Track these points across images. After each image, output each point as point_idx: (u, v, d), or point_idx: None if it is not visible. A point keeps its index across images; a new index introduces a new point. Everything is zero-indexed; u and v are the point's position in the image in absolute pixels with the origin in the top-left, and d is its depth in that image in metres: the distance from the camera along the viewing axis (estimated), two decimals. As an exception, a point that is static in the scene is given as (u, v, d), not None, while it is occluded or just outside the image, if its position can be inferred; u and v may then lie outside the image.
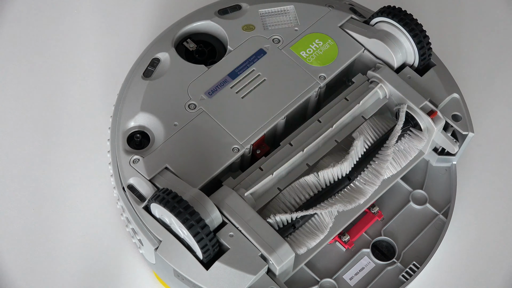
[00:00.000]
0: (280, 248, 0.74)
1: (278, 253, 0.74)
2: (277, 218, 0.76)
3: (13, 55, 1.00)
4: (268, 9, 0.90)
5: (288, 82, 0.85)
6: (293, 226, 0.78)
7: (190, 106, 0.83)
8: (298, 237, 0.78)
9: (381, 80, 0.84)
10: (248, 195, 0.78)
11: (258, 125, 0.82)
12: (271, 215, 0.77)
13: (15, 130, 0.95)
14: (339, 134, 0.83)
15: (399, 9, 0.86)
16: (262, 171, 0.80)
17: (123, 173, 0.79)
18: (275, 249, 0.74)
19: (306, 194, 0.79)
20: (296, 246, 0.77)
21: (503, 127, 0.97)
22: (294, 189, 0.79)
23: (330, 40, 0.88)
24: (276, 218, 0.76)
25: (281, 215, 0.76)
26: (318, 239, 0.78)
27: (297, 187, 0.79)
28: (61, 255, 0.88)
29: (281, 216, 0.76)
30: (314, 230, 0.78)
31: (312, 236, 0.78)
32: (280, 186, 0.80)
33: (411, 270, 0.83)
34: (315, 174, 0.79)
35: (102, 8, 1.04)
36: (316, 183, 0.80)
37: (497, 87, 1.00)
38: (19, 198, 0.91)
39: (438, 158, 0.89)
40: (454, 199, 0.87)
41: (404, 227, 0.86)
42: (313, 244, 0.78)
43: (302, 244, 0.77)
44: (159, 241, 0.76)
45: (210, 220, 0.74)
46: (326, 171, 0.79)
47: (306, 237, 0.78)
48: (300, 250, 0.77)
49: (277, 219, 0.77)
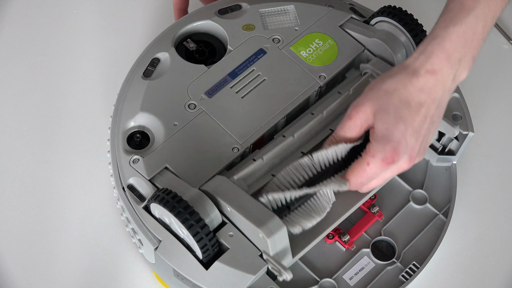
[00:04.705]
0: (270, 220, 0.73)
1: (268, 226, 0.73)
2: (270, 197, 0.75)
3: (13, 55, 1.00)
4: (268, 9, 0.90)
5: (288, 82, 0.85)
6: (288, 208, 0.77)
7: (190, 106, 0.83)
8: (293, 217, 0.77)
9: (373, 70, 0.84)
10: (240, 180, 0.77)
11: (258, 125, 0.82)
12: (264, 195, 0.76)
13: (15, 130, 0.95)
14: (334, 123, 0.82)
15: (400, 9, 0.86)
16: (254, 160, 0.79)
17: (123, 173, 0.79)
18: (265, 222, 0.73)
19: (301, 176, 0.78)
20: (290, 225, 0.76)
21: (503, 127, 0.97)
22: (288, 172, 0.78)
23: (330, 39, 0.88)
24: (269, 197, 0.75)
25: (274, 194, 0.75)
26: (313, 220, 0.77)
27: (291, 170, 0.78)
28: (61, 255, 0.87)
29: (274, 195, 0.75)
30: (310, 212, 0.77)
31: (307, 217, 0.77)
32: (275, 173, 0.79)
33: (411, 270, 0.83)
34: (309, 156, 0.78)
35: (102, 8, 1.04)
36: (311, 165, 0.79)
37: (497, 87, 1.00)
38: (19, 198, 0.91)
39: (438, 158, 0.89)
40: (454, 199, 0.87)
41: (404, 227, 0.86)
42: (308, 225, 0.76)
43: (296, 223, 0.76)
44: (158, 241, 0.76)
45: (209, 220, 0.74)
46: (320, 152, 0.78)
47: (301, 217, 0.77)
48: (294, 229, 0.76)
49: (269, 198, 0.75)
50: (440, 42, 0.74)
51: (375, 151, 0.75)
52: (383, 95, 0.75)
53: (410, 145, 0.75)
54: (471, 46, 0.75)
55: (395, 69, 0.76)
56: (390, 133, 0.74)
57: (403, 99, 0.74)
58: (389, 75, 0.76)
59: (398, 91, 0.75)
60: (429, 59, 0.74)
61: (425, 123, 0.75)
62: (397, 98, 0.74)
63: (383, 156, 0.75)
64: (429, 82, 0.74)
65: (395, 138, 0.74)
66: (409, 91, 0.74)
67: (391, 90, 0.75)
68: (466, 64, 0.75)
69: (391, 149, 0.74)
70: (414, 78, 0.74)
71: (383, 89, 0.75)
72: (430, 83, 0.74)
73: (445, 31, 0.74)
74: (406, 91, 0.74)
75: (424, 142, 0.76)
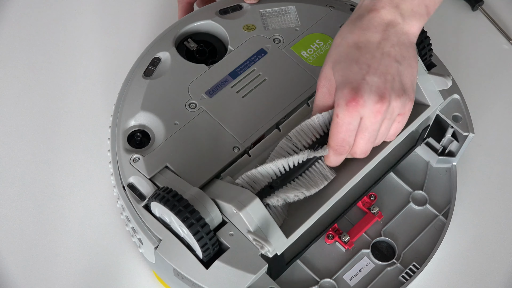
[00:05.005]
0: (241, 194, 0.72)
1: (239, 199, 0.72)
2: (244, 177, 0.74)
3: (13, 55, 1.00)
4: (269, 9, 0.90)
5: (288, 82, 0.85)
6: (271, 187, 0.75)
7: (191, 105, 0.83)
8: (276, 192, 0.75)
9: None
10: (228, 177, 0.76)
11: (258, 125, 0.82)
12: (239, 177, 0.75)
13: (15, 129, 0.95)
14: None
15: (400, 10, 0.86)
16: None
17: (123, 172, 0.79)
18: (236, 196, 0.72)
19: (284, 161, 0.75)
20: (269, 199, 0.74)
21: (503, 127, 0.97)
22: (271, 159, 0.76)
23: (331, 40, 0.88)
24: (243, 177, 0.74)
25: (247, 172, 0.74)
26: (296, 192, 0.74)
27: (273, 156, 0.76)
28: (61, 254, 0.87)
29: (247, 174, 0.74)
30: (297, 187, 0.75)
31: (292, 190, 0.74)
32: None
33: (411, 271, 0.83)
34: (286, 137, 0.76)
35: (102, 8, 1.04)
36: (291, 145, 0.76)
37: (497, 87, 1.00)
38: (19, 197, 0.90)
39: (438, 159, 0.89)
40: (454, 200, 0.87)
41: (404, 228, 0.86)
42: (292, 197, 0.74)
43: (275, 196, 0.74)
44: (159, 240, 0.76)
45: (210, 219, 0.74)
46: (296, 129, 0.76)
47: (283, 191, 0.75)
48: (271, 200, 0.74)
49: (244, 178, 0.74)
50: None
51: (337, 99, 0.73)
52: (334, 50, 0.74)
53: (373, 83, 0.72)
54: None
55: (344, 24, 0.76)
56: (346, 78, 0.73)
57: (351, 43, 0.73)
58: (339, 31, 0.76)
59: (345, 38, 0.74)
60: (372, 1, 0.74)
61: (385, 60, 0.73)
62: (345, 44, 0.74)
63: (345, 100, 0.72)
64: (373, 20, 0.74)
65: (351, 79, 0.72)
66: (354, 34, 0.74)
67: (339, 41, 0.74)
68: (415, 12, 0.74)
69: (350, 90, 0.72)
70: (358, 21, 0.74)
71: (333, 44, 0.75)
72: (375, 21, 0.74)
73: None
74: (352, 35, 0.74)
75: (398, 81, 0.73)
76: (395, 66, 0.73)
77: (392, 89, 0.73)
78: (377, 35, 0.74)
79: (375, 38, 0.73)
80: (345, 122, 0.73)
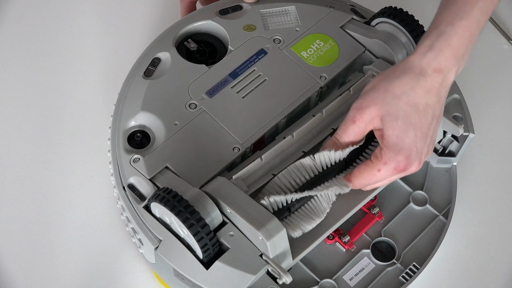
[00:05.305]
0: (270, 223, 0.73)
1: (267, 228, 0.72)
2: (271, 199, 0.75)
3: (13, 55, 1.00)
4: (269, 10, 0.90)
5: (288, 82, 0.85)
6: (289, 210, 0.77)
7: (191, 105, 0.83)
8: (293, 220, 0.77)
9: (376, 72, 0.84)
10: (239, 180, 0.77)
11: (258, 125, 0.82)
12: (265, 197, 0.75)
13: (15, 129, 0.95)
14: (335, 122, 0.82)
15: (400, 10, 0.86)
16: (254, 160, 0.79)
17: (124, 172, 0.79)
18: (264, 224, 0.72)
19: (302, 177, 0.78)
20: (291, 228, 0.76)
21: (503, 127, 0.97)
22: (289, 172, 0.78)
23: (331, 40, 0.88)
24: (270, 200, 0.75)
25: (275, 197, 0.75)
26: (313, 223, 0.77)
27: (292, 170, 0.78)
28: (61, 255, 0.87)
29: (275, 198, 0.75)
30: (310, 214, 0.77)
31: (308, 219, 0.77)
32: (275, 173, 0.79)
33: (411, 271, 0.83)
34: (311, 157, 0.77)
35: (102, 8, 1.04)
36: (312, 166, 0.78)
37: (497, 87, 1.00)
38: (19, 197, 0.90)
39: (439, 159, 0.89)
40: (455, 200, 0.87)
41: (404, 228, 0.86)
42: (308, 228, 0.76)
43: (296, 226, 0.76)
44: (159, 241, 0.76)
45: (210, 220, 0.74)
46: (323, 153, 0.77)
47: (302, 220, 0.77)
48: (294, 232, 0.76)
49: (270, 201, 0.75)
50: (447, 39, 0.73)
51: (388, 159, 0.74)
52: (390, 99, 0.73)
53: (420, 150, 0.74)
54: (473, 40, 0.74)
55: (400, 67, 0.74)
56: (401, 141, 0.73)
57: (411, 102, 0.73)
58: (395, 75, 0.74)
59: (406, 93, 0.73)
60: (437, 57, 0.73)
61: (432, 125, 0.74)
62: (405, 101, 0.73)
63: (395, 164, 0.74)
64: (435, 82, 0.73)
65: (406, 146, 0.73)
66: (417, 93, 0.73)
67: (399, 93, 0.73)
68: (466, 59, 0.74)
69: (404, 158, 0.74)
70: (422, 79, 0.73)
71: (389, 91, 0.73)
72: (437, 82, 0.73)
73: (452, 26, 0.73)
74: (414, 93, 0.73)
75: (431, 143, 0.76)
76: (434, 127, 0.75)
77: (428, 151, 0.76)
78: (434, 99, 0.74)
79: (432, 102, 0.73)
80: (382, 177, 0.75)
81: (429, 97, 0.73)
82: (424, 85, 0.73)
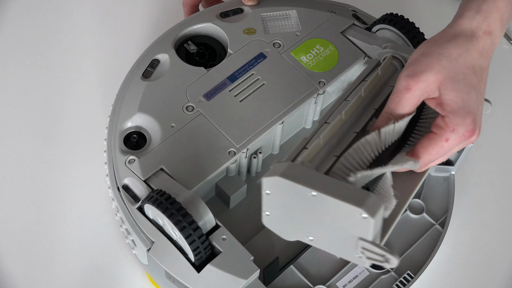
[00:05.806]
0: (368, 198, 0.64)
1: (368, 204, 0.63)
2: (358, 175, 0.66)
3: (12, 55, 1.00)
4: (270, 13, 0.89)
5: (287, 87, 0.84)
6: (367, 189, 0.69)
7: (188, 108, 0.83)
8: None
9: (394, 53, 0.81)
10: (307, 163, 0.69)
11: (255, 129, 0.81)
12: (351, 174, 0.67)
13: (14, 129, 0.95)
14: (374, 102, 0.77)
15: (401, 17, 0.86)
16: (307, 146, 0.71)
17: (119, 173, 0.79)
18: (364, 200, 0.63)
19: (368, 155, 0.70)
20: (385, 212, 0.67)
21: (503, 127, 0.97)
22: (356, 151, 0.70)
23: (331, 46, 0.87)
24: (358, 176, 0.66)
25: (363, 172, 0.67)
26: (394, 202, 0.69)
27: (359, 148, 0.70)
28: (60, 255, 0.87)
29: (363, 173, 0.67)
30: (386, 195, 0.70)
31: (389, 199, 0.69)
32: (337, 154, 0.72)
33: (405, 280, 0.83)
34: (376, 132, 0.70)
35: (102, 8, 1.04)
36: (378, 142, 0.71)
37: (497, 87, 1.00)
38: (19, 198, 0.91)
39: (437, 168, 0.89)
40: (452, 209, 0.87)
41: (399, 236, 0.86)
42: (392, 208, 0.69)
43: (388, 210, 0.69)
44: (151, 242, 0.76)
45: (203, 223, 0.74)
46: (385, 129, 0.70)
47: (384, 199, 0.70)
48: (386, 211, 0.68)
49: (358, 177, 0.66)
50: (494, 0, 0.71)
51: (456, 125, 0.69)
52: (447, 62, 0.69)
53: (481, 114, 0.70)
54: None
55: (449, 31, 0.71)
56: (467, 104, 0.69)
57: (469, 65, 0.70)
58: (446, 39, 0.71)
59: (463, 56, 0.70)
60: (486, 20, 0.70)
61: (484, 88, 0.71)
62: (462, 64, 0.69)
63: (464, 129, 0.69)
64: (486, 44, 0.71)
65: (472, 108, 0.69)
66: (472, 56, 0.70)
67: (455, 55, 0.70)
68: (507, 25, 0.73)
69: (471, 121, 0.69)
70: (475, 41, 0.70)
71: (444, 55, 0.70)
72: (487, 45, 0.71)
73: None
74: (470, 55, 0.70)
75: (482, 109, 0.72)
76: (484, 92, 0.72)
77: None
78: (486, 62, 0.71)
79: (485, 65, 0.71)
80: (449, 147, 0.71)
81: (483, 59, 0.71)
82: (477, 47, 0.70)
